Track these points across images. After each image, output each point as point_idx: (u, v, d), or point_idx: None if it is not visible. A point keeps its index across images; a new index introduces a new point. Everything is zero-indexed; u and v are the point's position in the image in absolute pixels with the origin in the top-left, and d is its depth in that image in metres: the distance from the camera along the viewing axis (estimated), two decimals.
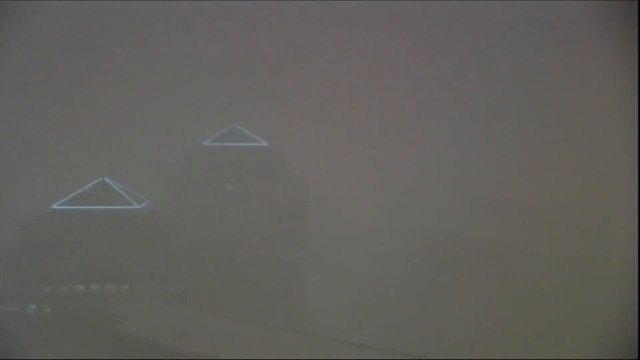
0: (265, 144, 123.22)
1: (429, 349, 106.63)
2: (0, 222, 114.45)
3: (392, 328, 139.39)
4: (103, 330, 63.42)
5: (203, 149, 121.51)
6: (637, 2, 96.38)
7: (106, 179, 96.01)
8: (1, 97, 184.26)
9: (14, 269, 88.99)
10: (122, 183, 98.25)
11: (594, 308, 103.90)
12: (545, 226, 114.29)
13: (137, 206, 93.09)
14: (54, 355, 65.84)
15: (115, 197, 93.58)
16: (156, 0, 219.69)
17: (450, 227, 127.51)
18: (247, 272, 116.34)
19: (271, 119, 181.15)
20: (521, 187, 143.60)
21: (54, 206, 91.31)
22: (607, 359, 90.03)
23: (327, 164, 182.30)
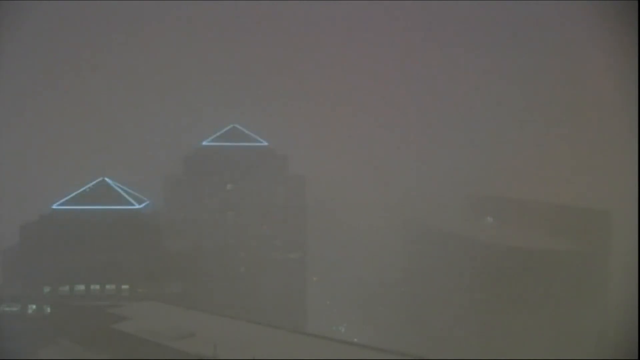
0: (265, 144, 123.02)
1: (428, 348, 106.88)
2: (0, 222, 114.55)
3: (391, 328, 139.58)
4: (103, 330, 63.32)
5: (203, 149, 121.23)
6: (637, 2, 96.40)
7: (106, 179, 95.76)
8: (1, 97, 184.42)
9: (14, 269, 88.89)
10: (122, 183, 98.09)
11: (594, 308, 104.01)
12: (545, 226, 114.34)
13: (137, 206, 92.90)
14: (54, 355, 65.80)
15: (115, 197, 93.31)
16: (157, 0, 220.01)
17: (449, 227, 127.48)
18: (247, 272, 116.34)
19: (271, 119, 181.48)
20: (520, 186, 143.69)
21: (54, 206, 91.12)
22: (607, 359, 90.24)
23: (327, 164, 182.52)
